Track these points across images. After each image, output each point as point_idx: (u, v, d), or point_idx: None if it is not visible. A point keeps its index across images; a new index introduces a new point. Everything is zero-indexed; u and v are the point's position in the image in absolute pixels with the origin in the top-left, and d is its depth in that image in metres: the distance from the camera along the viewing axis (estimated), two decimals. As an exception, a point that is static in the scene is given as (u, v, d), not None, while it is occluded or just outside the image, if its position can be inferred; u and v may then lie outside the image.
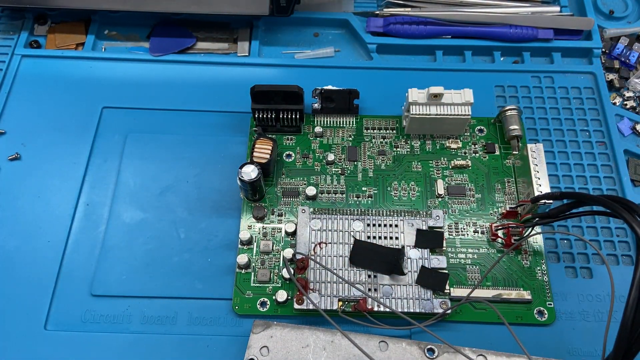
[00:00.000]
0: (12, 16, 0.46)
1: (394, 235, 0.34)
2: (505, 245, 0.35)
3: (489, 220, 0.36)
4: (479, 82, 0.42)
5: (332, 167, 0.38)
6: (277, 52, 0.45)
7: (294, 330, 0.31)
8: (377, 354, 0.30)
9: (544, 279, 0.34)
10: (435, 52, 0.44)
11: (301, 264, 0.33)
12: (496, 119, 0.40)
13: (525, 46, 0.44)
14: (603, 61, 0.44)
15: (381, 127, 0.40)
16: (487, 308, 0.33)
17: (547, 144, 0.40)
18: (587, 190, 0.38)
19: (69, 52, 0.44)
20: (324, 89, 0.39)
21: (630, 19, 0.47)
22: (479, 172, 0.38)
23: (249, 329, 0.31)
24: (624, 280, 0.35)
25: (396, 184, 0.38)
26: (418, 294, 0.33)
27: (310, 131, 0.40)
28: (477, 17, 0.44)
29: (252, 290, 0.34)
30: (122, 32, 0.46)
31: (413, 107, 0.37)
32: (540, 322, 0.33)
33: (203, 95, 0.42)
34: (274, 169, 0.38)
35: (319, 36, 0.46)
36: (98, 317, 0.33)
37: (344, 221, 0.35)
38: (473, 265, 0.35)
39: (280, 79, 0.43)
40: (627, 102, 0.43)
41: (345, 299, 0.33)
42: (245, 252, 0.35)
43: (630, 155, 0.40)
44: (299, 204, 0.37)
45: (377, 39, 0.44)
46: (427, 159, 0.39)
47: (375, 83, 0.42)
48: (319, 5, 0.46)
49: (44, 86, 0.42)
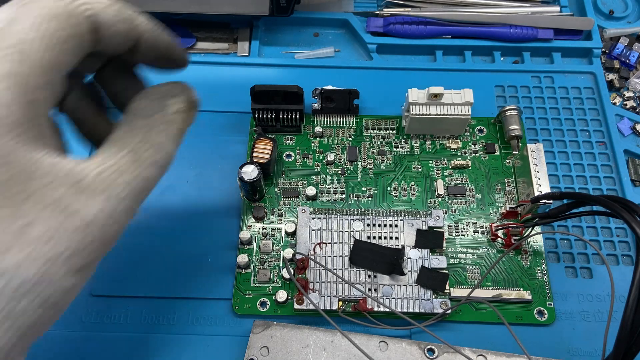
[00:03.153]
0: (12, 16, 0.46)
1: (394, 235, 0.34)
2: (505, 245, 0.35)
3: (489, 220, 0.36)
4: (479, 82, 0.42)
5: (332, 167, 0.38)
6: (277, 52, 0.45)
7: (294, 330, 0.31)
8: (377, 354, 0.30)
9: (544, 279, 0.34)
10: (435, 52, 0.44)
11: (301, 264, 0.33)
12: (496, 119, 0.40)
13: (525, 46, 0.44)
14: (603, 61, 0.44)
15: (381, 127, 0.40)
16: (487, 308, 0.33)
17: (547, 144, 0.40)
18: (587, 190, 0.39)
19: (69, 52, 0.44)
20: (324, 89, 0.39)
21: (630, 19, 0.47)
22: (479, 172, 0.38)
23: (249, 329, 0.31)
24: (624, 280, 0.35)
25: (396, 184, 0.38)
26: (418, 294, 0.33)
27: (310, 131, 0.40)
28: (477, 17, 0.44)
29: (252, 290, 0.34)
30: (122, 32, 0.46)
31: (413, 107, 0.37)
32: (540, 322, 0.33)
33: (203, 95, 0.41)
34: (274, 169, 0.38)
35: (319, 36, 0.46)
36: (98, 317, 0.33)
37: (344, 221, 0.35)
38: (473, 265, 0.35)
39: (280, 79, 0.43)
40: (627, 102, 0.43)
41: (345, 299, 0.33)
42: (245, 252, 0.35)
43: (630, 155, 0.40)
44: (299, 204, 0.37)
45: (377, 39, 0.44)
46: (427, 159, 0.39)
47: (375, 83, 0.42)
48: (319, 5, 0.46)
49: (44, 86, 0.42)
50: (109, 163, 0.20)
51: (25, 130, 0.18)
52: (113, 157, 0.20)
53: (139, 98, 0.23)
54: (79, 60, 0.20)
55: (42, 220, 0.18)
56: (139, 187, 0.21)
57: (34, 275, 0.18)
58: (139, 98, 0.23)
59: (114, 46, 0.22)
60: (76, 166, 0.19)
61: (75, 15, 0.19)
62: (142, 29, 0.23)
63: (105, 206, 0.19)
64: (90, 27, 0.20)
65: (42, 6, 0.19)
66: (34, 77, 0.18)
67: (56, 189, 0.18)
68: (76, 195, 0.19)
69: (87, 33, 0.20)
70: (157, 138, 0.22)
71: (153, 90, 0.24)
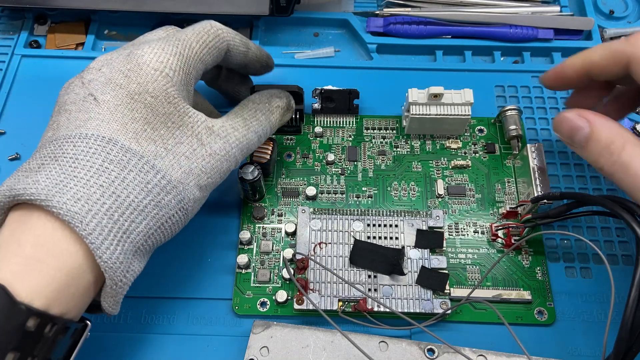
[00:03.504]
0: (12, 16, 0.46)
1: (394, 236, 0.34)
2: (506, 245, 0.35)
3: (489, 220, 0.36)
4: (479, 82, 0.42)
5: (332, 167, 0.38)
6: (277, 52, 0.45)
7: (294, 330, 0.31)
8: (377, 354, 0.30)
9: (544, 279, 0.34)
10: (435, 52, 0.44)
11: (301, 264, 0.33)
12: (496, 119, 0.40)
13: (526, 46, 0.44)
14: (603, 61, 0.44)
15: (381, 127, 0.40)
16: (487, 308, 0.33)
17: (547, 144, 0.40)
18: (587, 190, 0.38)
19: (69, 52, 0.44)
20: (324, 89, 0.39)
21: (630, 19, 0.47)
22: (479, 172, 0.38)
23: (249, 329, 0.31)
24: (624, 280, 0.35)
25: (396, 184, 0.38)
26: (418, 294, 0.33)
27: (310, 131, 0.40)
28: (477, 17, 0.44)
29: (252, 290, 0.34)
30: (122, 32, 0.46)
31: (413, 107, 0.37)
32: (540, 322, 0.33)
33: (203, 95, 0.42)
34: (274, 169, 0.38)
35: (319, 36, 0.46)
36: (98, 317, 0.33)
37: (344, 221, 0.35)
38: (473, 266, 0.35)
39: (280, 79, 0.43)
40: (627, 102, 0.43)
41: (346, 299, 0.33)
42: (245, 252, 0.35)
43: (631, 155, 0.40)
44: (299, 204, 0.37)
45: (377, 39, 0.44)
46: (427, 159, 0.39)
47: (375, 83, 0.42)
48: (319, 5, 0.46)
49: (44, 86, 0.42)
50: (229, 122, 0.30)
51: (182, 89, 0.28)
52: (231, 120, 0.31)
53: (255, 94, 0.34)
54: (215, 63, 0.31)
55: (186, 143, 0.28)
56: (244, 143, 0.30)
57: (176, 179, 0.27)
58: (255, 93, 0.34)
59: (236, 58, 0.33)
60: (209, 119, 0.29)
61: (220, 39, 0.31)
62: (252, 47, 0.33)
63: (224, 146, 0.29)
64: (226, 47, 0.31)
65: (204, 28, 0.30)
66: (191, 60, 0.29)
67: (197, 126, 0.28)
68: (207, 134, 0.28)
69: (223, 50, 0.31)
70: (260, 117, 0.32)
71: (265, 91, 0.34)
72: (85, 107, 0.27)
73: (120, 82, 0.27)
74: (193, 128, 0.28)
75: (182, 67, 0.28)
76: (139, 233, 0.26)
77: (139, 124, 0.26)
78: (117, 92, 0.27)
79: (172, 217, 0.27)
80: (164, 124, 0.27)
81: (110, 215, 0.24)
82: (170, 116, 0.27)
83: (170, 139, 0.27)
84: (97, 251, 0.24)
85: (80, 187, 0.24)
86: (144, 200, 0.26)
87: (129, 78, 0.27)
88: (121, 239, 0.25)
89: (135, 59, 0.27)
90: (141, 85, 0.27)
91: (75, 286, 0.24)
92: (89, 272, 0.24)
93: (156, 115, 0.27)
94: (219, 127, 0.29)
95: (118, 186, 0.25)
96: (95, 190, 0.24)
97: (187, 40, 0.29)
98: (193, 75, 0.29)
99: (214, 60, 0.31)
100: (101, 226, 0.24)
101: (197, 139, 0.28)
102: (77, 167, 0.25)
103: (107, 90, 0.27)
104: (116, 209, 0.25)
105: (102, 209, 0.24)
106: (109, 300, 0.26)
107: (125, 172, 0.25)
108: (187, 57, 0.28)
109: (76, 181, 0.24)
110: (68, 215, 0.23)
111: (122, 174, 0.25)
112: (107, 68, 0.27)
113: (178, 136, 0.27)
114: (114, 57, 0.28)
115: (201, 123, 0.28)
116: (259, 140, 0.32)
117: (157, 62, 0.27)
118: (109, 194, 0.25)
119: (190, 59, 0.29)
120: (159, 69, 0.27)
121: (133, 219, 0.25)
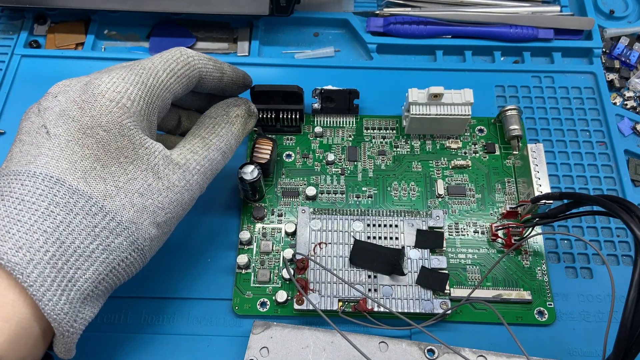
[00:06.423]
0: (11, 16, 0.46)
1: (394, 236, 0.34)
2: (506, 245, 0.35)
3: (489, 220, 0.36)
4: (479, 82, 0.42)
5: (332, 167, 0.38)
6: (277, 52, 0.45)
7: (294, 330, 0.31)
8: (377, 355, 0.30)
9: (544, 279, 0.34)
10: (435, 52, 0.44)
11: (301, 264, 0.33)
12: (496, 119, 0.40)
13: (526, 46, 0.44)
14: (603, 61, 0.44)
15: (381, 127, 0.40)
16: (487, 308, 0.33)
17: (547, 144, 0.40)
18: (588, 191, 0.38)
19: (69, 52, 0.44)
20: (324, 89, 0.39)
21: (631, 19, 0.47)
22: (479, 172, 0.38)
23: (248, 329, 0.31)
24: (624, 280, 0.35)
25: (396, 184, 0.38)
26: (418, 294, 0.33)
27: (310, 131, 0.40)
28: (477, 17, 0.44)
29: (252, 290, 0.34)
30: (122, 32, 0.46)
31: (413, 107, 0.37)
32: (540, 322, 0.33)
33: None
34: (274, 169, 0.38)
35: (319, 36, 0.46)
36: (98, 317, 0.33)
37: (344, 221, 0.35)
38: (473, 266, 0.35)
39: (280, 79, 0.43)
40: (628, 102, 0.43)
41: (345, 299, 0.33)
42: (245, 252, 0.35)
43: (631, 155, 0.40)
44: (299, 204, 0.37)
45: (377, 38, 0.44)
46: (427, 159, 0.39)
47: (375, 83, 0.42)
48: (319, 5, 0.46)
49: (43, 86, 0.41)
50: (187, 146, 0.29)
51: (140, 120, 0.27)
52: (189, 143, 0.29)
53: (212, 107, 0.32)
54: (185, 92, 0.30)
55: (140, 178, 0.26)
56: (206, 166, 0.29)
57: (127, 219, 0.26)
58: (211, 107, 0.32)
59: (210, 84, 0.31)
60: (166, 148, 0.28)
61: (191, 67, 0.29)
62: (227, 71, 0.32)
63: (183, 176, 0.28)
64: (198, 74, 0.30)
65: (173, 56, 0.29)
66: (156, 90, 0.27)
67: (153, 158, 0.27)
68: (165, 165, 0.27)
69: (195, 78, 0.30)
70: (220, 131, 0.30)
71: (221, 102, 0.33)
72: (37, 141, 0.26)
73: (74, 115, 0.26)
74: (149, 160, 0.27)
75: (143, 97, 0.27)
76: (86, 280, 0.24)
77: (88, 161, 0.25)
78: (69, 126, 0.26)
79: (126, 259, 0.26)
80: (116, 159, 0.26)
81: (54, 263, 0.23)
82: (123, 150, 0.26)
83: (122, 176, 0.26)
84: (39, 302, 0.23)
85: (23, 234, 0.23)
86: (90, 245, 0.24)
87: (82, 110, 0.26)
88: (66, 288, 0.23)
89: (92, 89, 0.26)
90: (94, 118, 0.25)
91: (26, 336, 0.23)
92: (37, 322, 0.23)
93: (107, 151, 0.26)
94: (178, 155, 0.28)
95: (63, 231, 0.24)
96: (39, 236, 0.23)
97: (153, 68, 0.28)
98: (157, 105, 0.28)
99: (184, 89, 0.29)
100: (43, 276, 0.23)
101: (153, 172, 0.27)
102: (22, 209, 0.24)
103: (60, 124, 0.26)
104: (60, 256, 0.23)
105: (45, 258, 0.23)
106: (60, 348, 0.25)
107: (71, 216, 0.24)
108: (151, 86, 0.27)
109: (19, 226, 0.23)
110: (9, 266, 0.22)
111: (67, 217, 0.24)
112: (63, 96, 0.27)
113: (131, 172, 0.26)
114: (72, 85, 0.27)
115: (158, 154, 0.27)
116: (223, 157, 0.30)
117: (114, 92, 0.26)
118: (53, 240, 0.23)
119: (155, 88, 0.27)
120: (115, 100, 0.26)
121: (79, 266, 0.24)
